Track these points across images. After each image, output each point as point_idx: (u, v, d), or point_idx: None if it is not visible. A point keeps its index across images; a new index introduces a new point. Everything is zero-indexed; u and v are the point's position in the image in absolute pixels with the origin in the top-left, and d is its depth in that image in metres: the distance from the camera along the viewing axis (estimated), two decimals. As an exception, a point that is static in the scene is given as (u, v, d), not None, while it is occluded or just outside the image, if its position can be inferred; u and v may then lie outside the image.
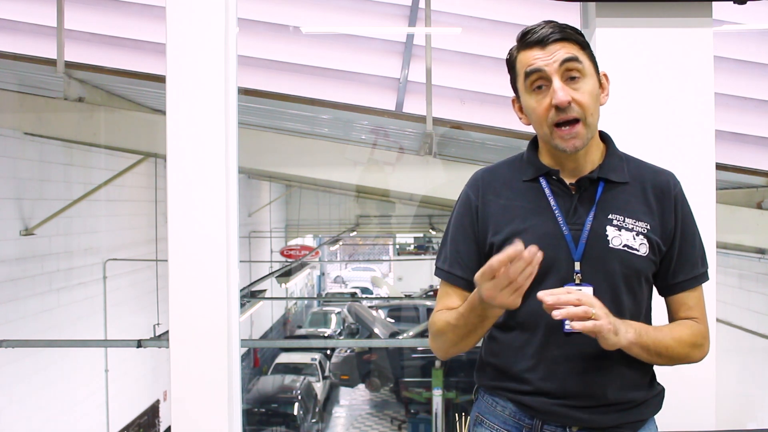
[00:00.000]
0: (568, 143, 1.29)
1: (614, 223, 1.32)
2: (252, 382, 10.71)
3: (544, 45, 1.28)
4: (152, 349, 5.70)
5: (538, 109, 1.30)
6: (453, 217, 1.43)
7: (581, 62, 1.29)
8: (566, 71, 1.28)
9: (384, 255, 25.06)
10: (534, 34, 1.29)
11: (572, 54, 1.28)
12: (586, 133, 1.29)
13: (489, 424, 1.39)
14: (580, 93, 1.28)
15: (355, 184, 5.51)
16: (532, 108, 1.31)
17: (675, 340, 1.32)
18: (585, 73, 1.29)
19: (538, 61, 1.28)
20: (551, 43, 1.28)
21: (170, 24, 1.90)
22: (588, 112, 1.28)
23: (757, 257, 5.44)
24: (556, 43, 1.28)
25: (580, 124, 1.28)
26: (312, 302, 18.65)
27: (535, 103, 1.30)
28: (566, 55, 1.28)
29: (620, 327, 1.24)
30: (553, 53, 1.28)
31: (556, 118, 1.28)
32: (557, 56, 1.28)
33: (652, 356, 1.30)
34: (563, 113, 1.27)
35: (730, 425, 1.90)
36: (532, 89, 1.30)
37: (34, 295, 6.19)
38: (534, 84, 1.30)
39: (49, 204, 6.29)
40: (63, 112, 4.65)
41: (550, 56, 1.28)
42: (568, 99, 1.26)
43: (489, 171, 1.43)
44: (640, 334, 1.26)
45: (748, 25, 3.73)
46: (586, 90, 1.28)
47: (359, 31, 4.32)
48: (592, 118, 1.30)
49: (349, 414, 11.68)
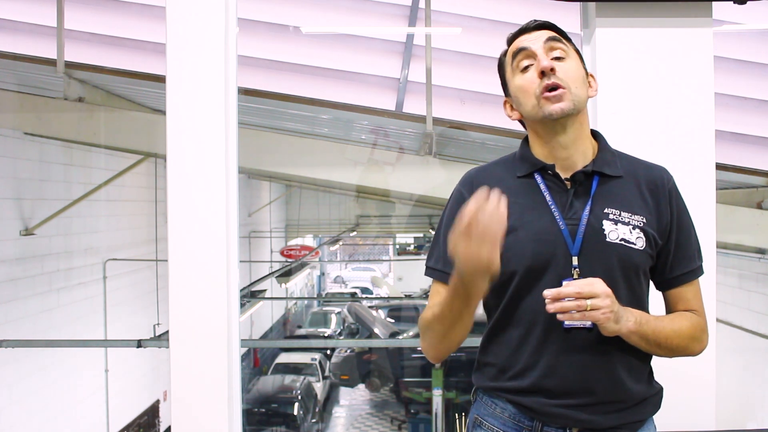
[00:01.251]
0: (554, 105, 1.30)
1: (610, 217, 1.32)
2: (252, 382, 10.71)
3: (529, 31, 1.37)
4: (152, 349, 5.69)
5: (525, 84, 1.33)
6: (445, 215, 1.42)
7: (565, 44, 1.35)
8: (550, 49, 1.33)
9: (384, 255, 25.05)
10: (521, 28, 1.38)
11: (556, 36, 1.35)
12: (572, 99, 1.31)
13: (488, 426, 1.38)
14: (564, 65, 1.32)
15: (355, 184, 5.50)
16: (520, 86, 1.35)
17: (675, 331, 1.32)
18: (569, 54, 1.34)
19: (524, 41, 1.36)
20: (535, 29, 1.37)
21: (170, 24, 1.90)
22: (572, 84, 1.31)
23: (757, 257, 5.44)
24: (540, 30, 1.36)
25: (564, 90, 1.30)
26: (312, 302, 18.65)
27: (522, 81, 1.34)
28: (551, 35, 1.35)
29: (621, 315, 1.24)
30: (538, 35, 1.35)
31: (542, 85, 1.31)
32: (541, 36, 1.35)
33: (651, 346, 1.30)
34: (548, 80, 1.30)
35: (730, 425, 1.90)
36: (519, 70, 1.35)
37: (34, 295, 6.19)
38: (521, 63, 1.35)
39: (49, 204, 6.29)
40: (63, 112, 4.65)
41: (534, 37, 1.35)
42: (552, 65, 1.30)
43: (482, 170, 1.43)
44: (640, 323, 1.27)
45: (748, 25, 3.73)
46: (570, 67, 1.33)
47: (359, 31, 4.32)
48: (577, 90, 1.32)
49: (349, 414, 11.68)
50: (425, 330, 1.38)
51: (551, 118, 1.31)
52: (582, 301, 1.20)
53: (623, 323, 1.24)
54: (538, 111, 1.32)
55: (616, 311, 1.23)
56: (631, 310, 1.28)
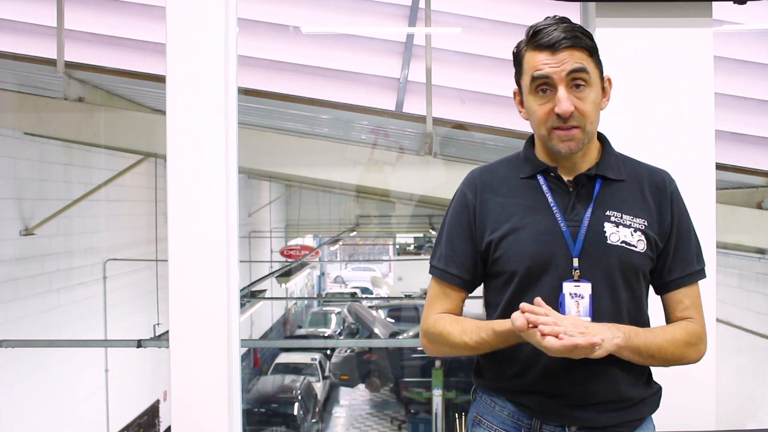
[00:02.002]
0: (563, 144, 1.30)
1: (612, 219, 1.32)
2: (252, 382, 10.71)
3: (555, 51, 1.28)
4: (152, 349, 5.69)
5: (539, 112, 1.31)
6: (448, 215, 1.43)
7: (588, 72, 1.29)
8: (573, 80, 1.28)
9: (384, 255, 25.05)
10: (545, 37, 1.28)
11: (581, 64, 1.28)
12: (583, 137, 1.30)
13: (488, 424, 1.38)
14: (582, 102, 1.28)
15: (355, 184, 5.50)
16: (534, 110, 1.32)
17: (668, 341, 1.31)
18: (590, 82, 1.30)
19: (546, 67, 1.28)
20: (562, 49, 1.27)
21: (170, 24, 1.90)
22: (588, 121, 1.30)
23: (757, 257, 5.44)
24: (566, 50, 1.28)
25: (578, 129, 1.29)
26: (312, 302, 18.65)
27: (537, 106, 1.31)
28: (575, 65, 1.27)
29: (606, 334, 1.23)
30: (563, 61, 1.27)
31: (556, 124, 1.29)
32: (565, 66, 1.27)
33: (645, 358, 1.30)
34: (563, 121, 1.28)
35: (730, 425, 1.90)
36: (536, 91, 1.30)
37: (34, 295, 6.18)
38: (539, 87, 1.30)
39: (49, 204, 6.29)
40: (63, 112, 4.65)
41: (558, 64, 1.27)
42: (571, 110, 1.27)
43: (486, 169, 1.43)
44: (629, 338, 1.26)
45: (748, 25, 3.73)
46: (588, 99, 1.29)
47: (359, 31, 4.32)
48: (591, 125, 1.31)
49: (349, 414, 11.68)
50: (440, 342, 1.38)
51: (559, 154, 1.32)
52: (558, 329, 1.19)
53: (608, 341, 1.23)
54: (548, 141, 1.32)
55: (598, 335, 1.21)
56: (619, 326, 1.27)
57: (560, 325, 1.19)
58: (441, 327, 1.37)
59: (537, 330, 1.18)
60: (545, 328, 1.18)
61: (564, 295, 1.30)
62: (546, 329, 1.18)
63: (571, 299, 1.30)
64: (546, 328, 1.18)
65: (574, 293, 1.30)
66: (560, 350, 1.17)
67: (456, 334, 1.35)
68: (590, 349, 1.18)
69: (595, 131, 1.34)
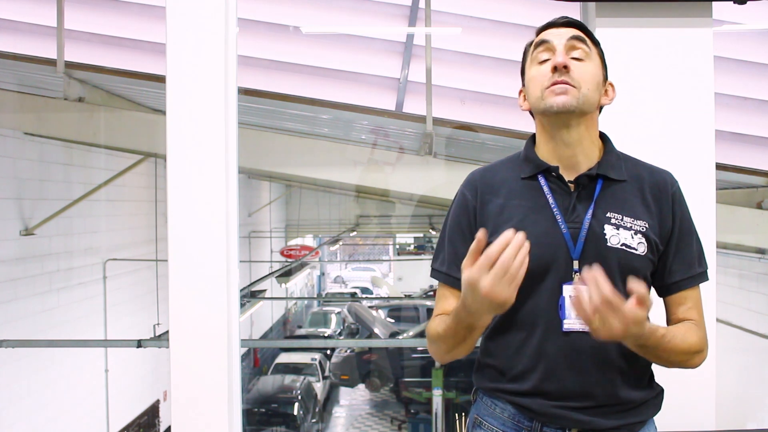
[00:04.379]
0: (557, 97, 1.28)
1: (612, 221, 1.31)
2: (252, 382, 10.71)
3: (557, 26, 1.36)
4: (152, 349, 5.69)
5: (538, 75, 1.32)
6: (449, 218, 1.42)
7: (588, 47, 1.33)
8: (572, 48, 1.32)
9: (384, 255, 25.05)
10: (551, 21, 1.37)
11: (581, 35, 1.33)
12: (578, 97, 1.29)
13: (488, 426, 1.38)
14: (579, 67, 1.31)
15: (355, 184, 5.50)
16: (532, 77, 1.34)
17: (680, 346, 1.29)
18: (590, 57, 1.33)
19: (548, 35, 1.34)
20: (563, 25, 1.35)
21: (170, 24, 1.90)
22: (584, 84, 1.30)
23: (757, 257, 5.43)
24: (568, 27, 1.35)
25: (573, 88, 1.29)
26: (312, 302, 18.65)
27: (536, 72, 1.33)
28: (574, 33, 1.33)
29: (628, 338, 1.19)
30: (562, 32, 1.34)
31: (551, 79, 1.30)
32: (565, 33, 1.34)
33: (650, 355, 1.28)
34: (558, 76, 1.29)
35: (730, 425, 1.90)
36: (537, 61, 1.34)
37: (34, 295, 6.18)
38: (540, 55, 1.33)
39: (49, 204, 6.29)
40: (63, 112, 4.65)
41: (558, 33, 1.34)
42: (566, 62, 1.29)
43: (486, 170, 1.42)
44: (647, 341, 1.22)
45: (748, 25, 3.73)
46: (586, 69, 1.31)
47: (359, 31, 4.32)
48: (588, 92, 1.30)
49: (349, 414, 11.68)
50: (433, 342, 1.39)
51: (551, 110, 1.29)
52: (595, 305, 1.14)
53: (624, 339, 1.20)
54: (541, 102, 1.31)
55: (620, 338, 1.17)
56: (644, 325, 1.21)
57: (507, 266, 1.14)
58: (431, 326, 1.38)
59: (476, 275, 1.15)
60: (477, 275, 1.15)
61: (564, 297, 1.29)
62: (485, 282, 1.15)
63: (572, 302, 1.29)
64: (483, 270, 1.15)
65: (574, 296, 1.29)
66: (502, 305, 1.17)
67: (435, 327, 1.35)
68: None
69: (592, 105, 1.32)
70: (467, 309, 1.22)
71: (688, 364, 1.33)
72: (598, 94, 1.33)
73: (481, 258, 1.16)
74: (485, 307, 1.19)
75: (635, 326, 1.16)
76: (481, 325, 1.28)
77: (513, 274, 1.15)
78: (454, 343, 1.32)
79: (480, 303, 1.18)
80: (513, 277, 1.15)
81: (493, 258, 1.15)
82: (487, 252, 1.15)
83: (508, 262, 1.14)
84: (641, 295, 1.14)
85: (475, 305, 1.19)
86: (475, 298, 1.18)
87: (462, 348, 1.34)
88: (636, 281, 1.15)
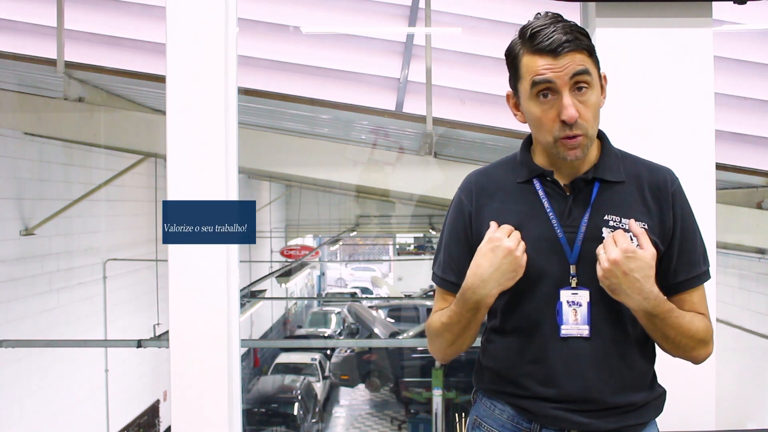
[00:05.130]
0: (570, 152, 1.26)
1: (610, 224, 1.29)
2: (252, 382, 10.71)
3: (556, 55, 1.23)
4: (152, 349, 5.69)
5: (543, 119, 1.26)
6: (447, 221, 1.42)
7: (590, 74, 1.25)
8: (575, 84, 1.24)
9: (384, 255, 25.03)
10: (545, 40, 1.23)
11: (583, 66, 1.24)
12: (587, 143, 1.27)
13: (487, 427, 1.37)
14: (585, 107, 1.25)
15: (355, 184, 5.50)
16: (536, 116, 1.27)
17: (688, 327, 1.28)
18: (592, 84, 1.26)
19: (549, 72, 1.23)
20: (564, 54, 1.23)
21: (170, 24, 1.90)
22: (590, 126, 1.27)
23: (757, 257, 5.43)
24: (568, 54, 1.23)
25: (583, 136, 1.26)
26: (312, 302, 18.65)
27: (539, 112, 1.26)
28: (578, 68, 1.23)
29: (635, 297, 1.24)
30: (565, 65, 1.23)
31: (562, 133, 1.25)
32: (568, 69, 1.23)
33: (658, 331, 1.27)
34: (569, 129, 1.24)
35: (730, 425, 1.90)
36: (537, 97, 1.26)
37: (34, 295, 6.18)
38: (540, 92, 1.25)
39: (49, 204, 6.29)
40: (63, 112, 4.65)
41: (561, 69, 1.23)
42: (576, 116, 1.23)
43: (482, 173, 1.41)
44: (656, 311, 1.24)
45: (748, 25, 3.73)
46: (591, 102, 1.26)
47: (359, 31, 4.32)
48: (593, 130, 1.28)
49: (349, 414, 11.68)
50: (434, 337, 1.39)
51: (563, 160, 1.29)
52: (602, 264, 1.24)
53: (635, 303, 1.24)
54: (552, 149, 1.28)
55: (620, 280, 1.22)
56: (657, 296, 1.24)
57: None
58: (431, 321, 1.39)
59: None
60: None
61: (561, 303, 1.28)
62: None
63: (569, 307, 1.27)
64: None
65: (571, 301, 1.28)
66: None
67: (437, 318, 1.37)
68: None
69: (596, 133, 1.31)
70: (479, 278, 1.27)
71: (693, 354, 1.32)
72: (599, 120, 1.30)
73: (504, 227, 1.29)
74: (501, 271, 1.27)
75: (635, 264, 1.22)
76: (486, 303, 1.29)
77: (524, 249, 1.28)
78: (458, 331, 1.33)
79: (497, 265, 1.26)
80: (524, 251, 1.28)
81: (511, 231, 1.29)
82: (507, 225, 1.30)
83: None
84: (640, 234, 1.26)
85: (490, 270, 1.27)
86: (495, 256, 1.26)
87: (464, 339, 1.34)
88: (634, 225, 1.27)
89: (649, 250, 1.24)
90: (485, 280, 1.26)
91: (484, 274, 1.26)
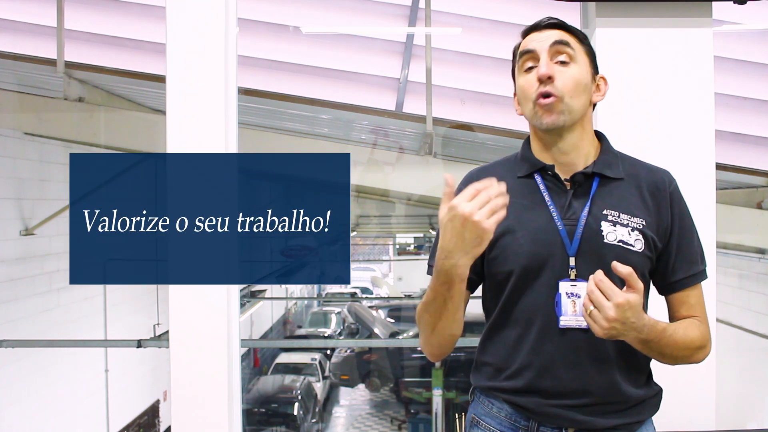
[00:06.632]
0: (545, 116, 1.30)
1: (609, 218, 1.31)
2: (252, 382, 10.71)
3: (540, 29, 1.35)
4: (152, 349, 5.68)
5: (526, 86, 1.33)
6: None
7: (572, 48, 1.32)
8: (556, 53, 1.32)
9: (384, 255, 25.03)
10: (534, 24, 1.37)
11: (564, 38, 1.33)
12: (563, 109, 1.30)
13: (485, 425, 1.38)
14: (563, 75, 1.30)
15: (355, 184, 5.50)
16: (521, 87, 1.35)
17: (683, 339, 1.30)
18: (575, 59, 1.32)
19: (531, 42, 1.35)
20: (546, 28, 1.35)
21: (170, 24, 1.90)
22: (567, 93, 1.30)
23: (757, 257, 5.43)
24: (551, 29, 1.35)
25: (557, 99, 1.29)
26: (312, 302, 18.65)
27: (524, 82, 1.34)
28: (557, 38, 1.33)
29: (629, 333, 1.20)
30: (547, 36, 1.34)
31: (537, 91, 1.30)
32: (549, 38, 1.33)
33: (653, 352, 1.28)
34: (543, 87, 1.30)
35: (730, 425, 1.90)
36: (523, 70, 1.35)
37: (34, 295, 6.18)
38: (526, 64, 1.34)
39: (49, 204, 6.28)
40: (63, 112, 4.65)
41: (543, 39, 1.34)
42: (549, 73, 1.29)
43: (483, 170, 1.43)
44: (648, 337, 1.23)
45: (748, 25, 3.73)
46: (571, 74, 1.31)
47: (359, 31, 4.32)
48: (572, 100, 1.30)
49: (349, 414, 11.68)
50: (418, 323, 1.38)
51: (541, 128, 1.32)
52: (587, 301, 1.19)
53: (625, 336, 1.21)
54: (533, 117, 1.33)
55: (619, 330, 1.18)
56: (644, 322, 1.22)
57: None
58: (418, 306, 1.36)
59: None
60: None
61: (560, 294, 1.29)
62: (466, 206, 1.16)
63: (568, 299, 1.29)
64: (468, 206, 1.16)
65: (570, 293, 1.29)
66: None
67: (421, 302, 1.33)
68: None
69: (580, 112, 1.33)
70: (444, 250, 1.20)
71: (691, 360, 1.33)
72: (585, 97, 1.33)
73: (466, 189, 1.17)
74: (464, 239, 1.17)
75: (630, 312, 1.17)
76: (457, 274, 1.21)
77: (494, 207, 1.16)
78: (434, 311, 1.28)
79: (459, 234, 1.17)
80: (494, 210, 1.16)
81: (475, 193, 1.16)
82: (471, 186, 1.17)
83: (491, 195, 1.16)
84: (628, 275, 1.17)
85: (453, 240, 1.18)
86: (454, 226, 1.17)
87: (444, 323, 1.29)
88: (621, 266, 1.18)
89: (639, 289, 1.19)
90: (450, 251, 1.19)
91: (448, 245, 1.19)
